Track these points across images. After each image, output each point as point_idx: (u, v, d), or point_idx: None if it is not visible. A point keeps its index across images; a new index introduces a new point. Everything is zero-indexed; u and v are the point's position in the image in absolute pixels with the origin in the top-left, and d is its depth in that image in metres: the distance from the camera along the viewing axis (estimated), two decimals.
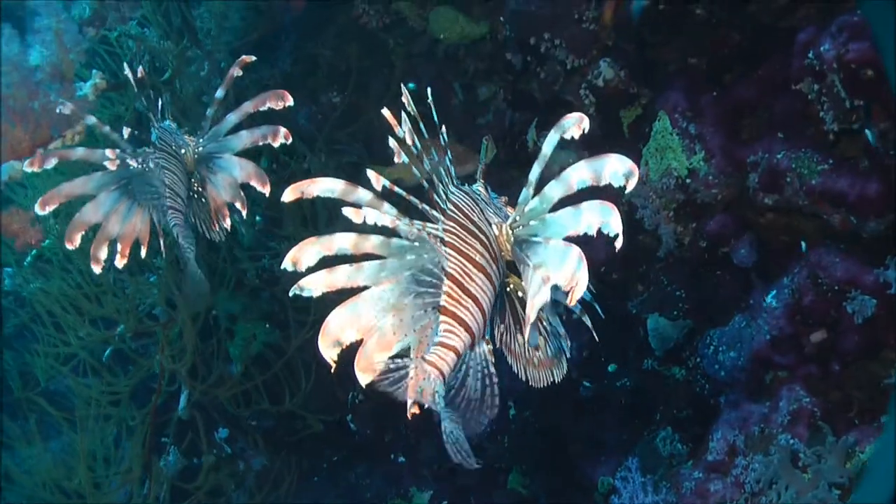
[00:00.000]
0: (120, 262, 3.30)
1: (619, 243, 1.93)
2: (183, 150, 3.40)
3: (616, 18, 4.65)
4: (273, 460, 6.02)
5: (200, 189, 3.45)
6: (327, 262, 2.09)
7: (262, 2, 6.07)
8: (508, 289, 2.37)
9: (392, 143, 2.20)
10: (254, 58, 3.35)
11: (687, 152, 4.53)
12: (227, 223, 3.32)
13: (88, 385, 5.52)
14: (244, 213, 3.30)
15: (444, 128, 2.32)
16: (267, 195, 3.22)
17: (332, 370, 2.10)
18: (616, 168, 2.00)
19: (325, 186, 2.08)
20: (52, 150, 3.45)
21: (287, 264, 2.06)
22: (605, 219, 1.97)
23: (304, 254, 2.06)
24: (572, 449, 5.23)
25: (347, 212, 2.06)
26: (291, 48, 6.14)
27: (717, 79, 4.50)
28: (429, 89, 2.31)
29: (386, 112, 2.19)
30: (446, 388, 2.14)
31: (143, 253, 3.36)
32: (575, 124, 2.06)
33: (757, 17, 4.29)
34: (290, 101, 3.17)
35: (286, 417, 5.97)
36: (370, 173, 2.11)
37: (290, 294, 2.08)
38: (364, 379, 2.12)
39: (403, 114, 2.21)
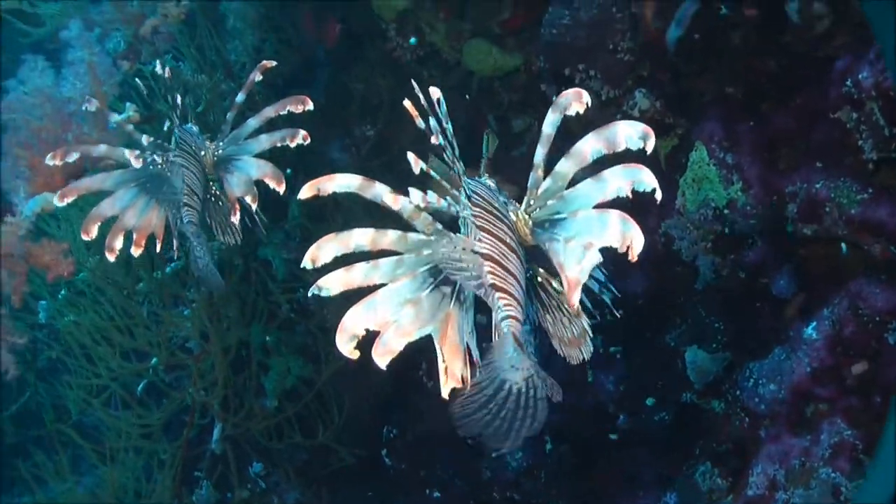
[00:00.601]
0: (136, 251, 3.40)
1: (658, 196, 2.00)
2: (203, 152, 3.50)
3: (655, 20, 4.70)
4: (306, 494, 6.08)
5: (219, 192, 3.56)
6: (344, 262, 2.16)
7: (294, 36, 6.21)
8: (528, 274, 2.43)
9: (432, 124, 2.28)
10: (274, 63, 3.46)
11: (724, 182, 4.58)
12: (237, 218, 3.40)
13: (120, 418, 5.62)
14: (254, 206, 3.36)
15: (450, 124, 2.37)
16: (282, 193, 3.29)
17: (356, 359, 2.15)
18: (628, 132, 2.08)
19: (341, 182, 2.15)
20: (75, 145, 3.56)
21: (306, 262, 2.13)
22: (634, 178, 2.04)
23: (322, 251, 2.14)
24: (610, 484, 5.26)
25: (387, 199, 2.14)
26: (325, 82, 6.26)
27: (754, 108, 4.55)
28: (432, 90, 2.36)
29: (407, 103, 2.27)
30: None
31: (158, 247, 3.46)
32: (574, 100, 2.14)
33: (793, 46, 4.35)
34: (310, 106, 3.27)
35: (320, 451, 6.03)
36: (410, 156, 2.18)
37: (309, 294, 2.15)
38: (382, 362, 2.14)
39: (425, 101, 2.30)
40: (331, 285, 2.17)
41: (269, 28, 6.11)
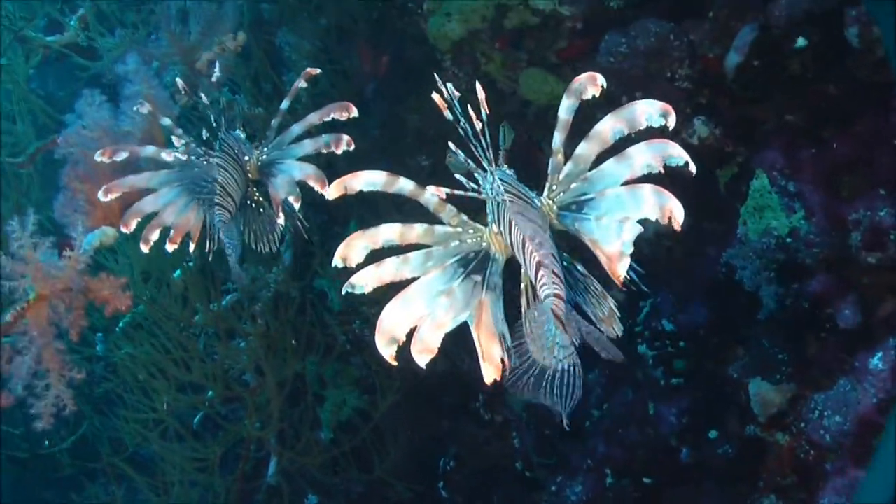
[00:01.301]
0: (170, 247, 3.49)
1: (692, 168, 2.08)
2: (247, 157, 3.61)
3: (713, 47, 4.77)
4: None
5: (261, 199, 3.67)
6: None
7: (350, 68, 6.34)
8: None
9: (449, 115, 2.38)
10: (318, 70, 3.54)
11: (786, 211, 4.63)
12: (281, 220, 3.47)
13: (175, 451, 5.74)
14: (297, 206, 3.40)
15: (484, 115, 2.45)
16: (325, 195, 3.31)
17: (395, 364, 2.24)
18: (648, 110, 2.16)
19: (367, 179, 2.27)
20: (124, 145, 3.68)
21: (337, 261, 2.24)
22: (662, 152, 2.12)
23: (352, 250, 2.24)
24: None
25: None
26: (380, 113, 6.38)
27: (815, 135, 4.61)
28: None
29: (436, 97, 2.38)
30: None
31: (192, 247, 3.54)
32: (588, 84, 2.23)
33: (853, 72, 4.41)
34: (354, 113, 3.33)
35: (376, 484, 6.11)
36: (451, 145, 2.34)
37: (343, 292, 2.24)
38: (423, 360, 2.23)
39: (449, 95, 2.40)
40: (363, 282, 2.26)
41: (325, 60, 6.25)
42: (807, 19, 4.46)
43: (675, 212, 2.05)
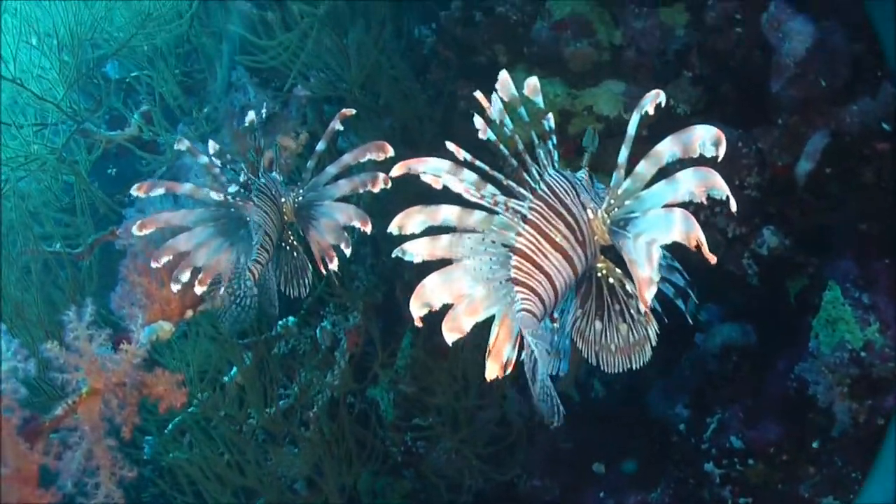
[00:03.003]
0: (199, 289, 3.52)
1: (733, 205, 2.09)
2: (283, 199, 3.63)
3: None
4: None
5: (295, 242, 3.69)
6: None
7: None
8: (600, 274, 2.58)
9: (478, 120, 2.43)
10: (353, 111, 3.54)
11: (861, 323, 4.57)
12: (335, 265, 3.45)
13: None
14: (348, 252, 3.41)
15: (549, 115, 2.56)
16: (368, 233, 3.32)
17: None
18: (703, 136, 2.20)
19: (433, 165, 2.37)
20: (161, 182, 3.70)
21: (393, 228, 2.36)
22: (706, 183, 2.15)
23: (410, 220, 2.36)
24: None
25: (426, 178, 2.33)
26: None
27: (890, 244, 4.58)
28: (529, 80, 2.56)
29: (478, 94, 2.46)
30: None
31: (222, 291, 3.54)
32: (651, 101, 2.30)
33: None
34: (390, 153, 3.27)
35: None
36: (449, 145, 2.37)
37: (392, 255, 2.36)
38: (451, 338, 2.33)
39: (495, 96, 2.49)
40: (416, 250, 2.38)
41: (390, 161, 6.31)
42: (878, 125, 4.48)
43: (701, 241, 2.10)
